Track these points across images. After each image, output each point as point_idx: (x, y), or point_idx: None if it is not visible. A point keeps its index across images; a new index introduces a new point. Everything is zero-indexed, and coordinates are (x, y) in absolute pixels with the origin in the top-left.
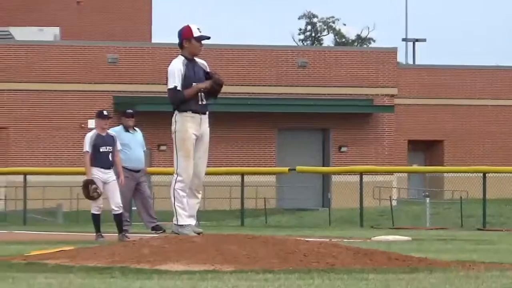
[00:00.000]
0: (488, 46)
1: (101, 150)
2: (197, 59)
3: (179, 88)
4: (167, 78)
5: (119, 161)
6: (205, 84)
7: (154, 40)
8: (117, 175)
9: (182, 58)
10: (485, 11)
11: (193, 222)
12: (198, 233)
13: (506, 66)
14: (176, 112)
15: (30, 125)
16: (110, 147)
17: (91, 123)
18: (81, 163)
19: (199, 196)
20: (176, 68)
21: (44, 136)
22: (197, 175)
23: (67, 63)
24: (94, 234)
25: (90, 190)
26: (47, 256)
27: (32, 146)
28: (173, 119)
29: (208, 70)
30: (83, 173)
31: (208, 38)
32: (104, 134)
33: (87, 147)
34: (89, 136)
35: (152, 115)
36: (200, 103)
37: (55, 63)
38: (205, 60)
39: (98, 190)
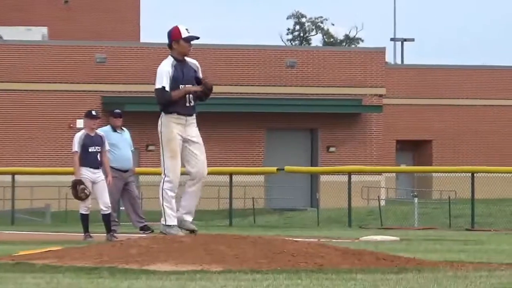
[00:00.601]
0: (476, 46)
1: (89, 150)
2: (188, 59)
3: (167, 89)
4: (155, 79)
5: (107, 161)
6: (195, 88)
7: (142, 40)
8: (105, 175)
9: (172, 59)
10: (474, 11)
11: (189, 218)
12: (192, 230)
13: (494, 66)
14: (162, 113)
15: (18, 125)
16: (99, 147)
17: (80, 123)
18: (69, 163)
19: (198, 193)
20: (164, 70)
21: (32, 136)
22: (198, 177)
23: (55, 63)
24: (83, 234)
25: (78, 190)
26: (35, 256)
27: (20, 146)
28: (159, 121)
29: (200, 71)
30: (72, 173)
31: (197, 38)
32: (92, 134)
33: (76, 147)
34: (78, 136)
35: (140, 115)
36: (187, 105)
37: (43, 63)
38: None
39: (86, 191)
